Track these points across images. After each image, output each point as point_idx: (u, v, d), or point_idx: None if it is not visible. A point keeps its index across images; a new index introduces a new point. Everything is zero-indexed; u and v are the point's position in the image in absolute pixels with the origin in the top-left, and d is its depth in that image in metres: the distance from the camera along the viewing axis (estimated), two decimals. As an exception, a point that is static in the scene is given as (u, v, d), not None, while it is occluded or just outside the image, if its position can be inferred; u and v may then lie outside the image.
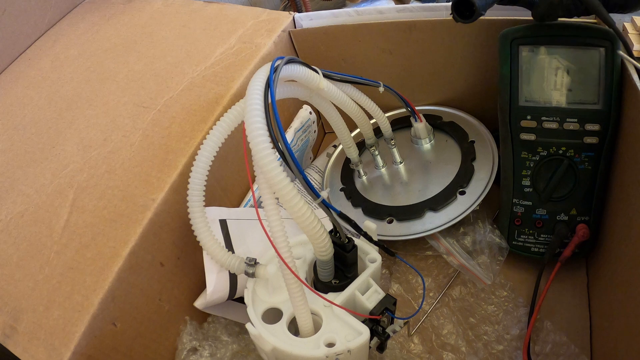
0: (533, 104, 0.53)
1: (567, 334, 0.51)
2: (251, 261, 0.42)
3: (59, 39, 0.67)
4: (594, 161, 0.51)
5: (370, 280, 0.43)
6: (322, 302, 0.41)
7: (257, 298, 0.42)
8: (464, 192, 0.57)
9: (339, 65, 0.68)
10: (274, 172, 0.34)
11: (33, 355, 0.38)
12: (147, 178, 0.47)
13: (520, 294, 0.55)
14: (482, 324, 0.54)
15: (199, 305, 0.48)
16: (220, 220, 0.49)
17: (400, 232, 0.57)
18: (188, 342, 0.48)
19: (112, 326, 0.41)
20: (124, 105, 0.54)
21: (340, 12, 0.64)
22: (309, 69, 0.43)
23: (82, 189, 0.47)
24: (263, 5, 0.97)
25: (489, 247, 0.57)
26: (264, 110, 0.35)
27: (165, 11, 0.68)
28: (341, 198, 0.64)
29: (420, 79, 0.66)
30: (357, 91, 0.52)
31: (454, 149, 0.62)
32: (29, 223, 0.45)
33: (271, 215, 0.36)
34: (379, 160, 0.64)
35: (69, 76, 0.60)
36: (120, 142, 0.51)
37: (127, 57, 0.61)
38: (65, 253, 0.43)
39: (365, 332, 0.38)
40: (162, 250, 0.46)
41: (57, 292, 0.40)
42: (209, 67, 0.57)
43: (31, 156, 0.51)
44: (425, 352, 0.53)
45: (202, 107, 0.52)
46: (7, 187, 0.49)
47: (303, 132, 0.65)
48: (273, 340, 0.38)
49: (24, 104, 0.58)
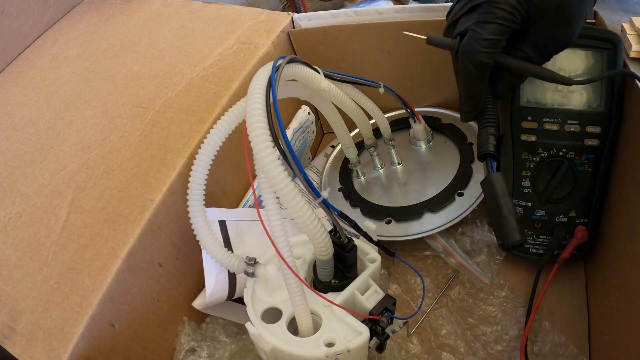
0: (534, 105, 0.53)
1: (565, 335, 0.51)
2: (251, 261, 0.42)
3: (57, 39, 0.67)
4: (594, 163, 0.51)
5: (370, 281, 0.43)
6: (321, 301, 0.40)
7: (256, 298, 0.42)
8: (462, 194, 0.57)
9: (337, 65, 0.68)
10: (275, 171, 0.34)
11: (31, 356, 0.38)
12: (146, 178, 0.47)
13: (519, 295, 0.55)
14: (481, 325, 0.54)
15: (198, 305, 0.48)
16: (219, 221, 0.49)
17: (399, 233, 0.57)
18: (186, 342, 0.48)
19: (110, 327, 0.41)
20: (122, 105, 0.54)
21: (339, 13, 0.64)
22: (310, 68, 0.43)
23: (80, 190, 0.47)
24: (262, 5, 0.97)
25: (487, 246, 0.57)
26: (266, 109, 0.35)
27: (164, 11, 0.68)
28: (339, 198, 0.64)
29: (419, 80, 0.67)
30: (357, 91, 0.52)
31: (453, 150, 0.62)
32: (28, 223, 0.45)
33: (272, 214, 0.36)
34: (377, 161, 0.64)
35: (67, 76, 0.60)
36: (118, 142, 0.50)
37: (126, 58, 0.61)
38: (64, 253, 0.43)
39: (364, 332, 0.38)
40: (161, 251, 0.46)
41: (56, 292, 0.40)
42: (207, 68, 0.57)
43: (30, 156, 0.51)
44: (424, 352, 0.53)
45: (201, 107, 0.52)
46: (5, 188, 0.49)
47: (302, 132, 0.65)
48: (272, 340, 0.38)
49: (23, 104, 0.58)
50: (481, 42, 0.43)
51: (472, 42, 0.43)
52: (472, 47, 0.43)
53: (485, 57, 0.43)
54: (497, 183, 0.44)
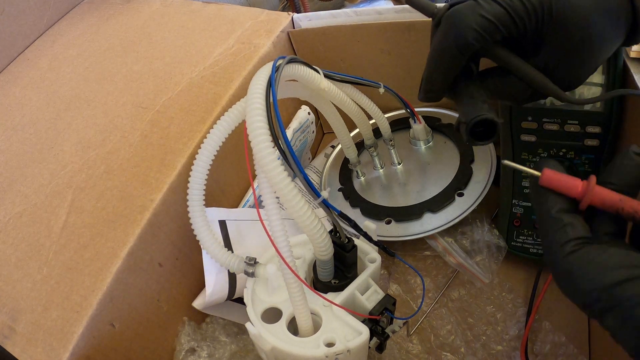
0: (534, 105, 0.53)
1: (565, 335, 0.51)
2: (251, 260, 0.42)
3: (57, 39, 0.67)
4: (594, 163, 0.51)
5: (370, 280, 0.43)
6: (321, 301, 0.40)
7: (256, 298, 0.42)
8: (462, 194, 0.57)
9: (337, 65, 0.68)
10: (275, 171, 0.34)
11: (31, 356, 0.38)
12: (146, 178, 0.47)
13: (519, 295, 0.55)
14: (481, 325, 0.54)
15: (198, 305, 0.48)
16: (219, 221, 0.49)
17: (399, 233, 0.57)
18: (186, 342, 0.48)
19: (110, 327, 0.41)
20: (122, 105, 0.54)
21: (339, 13, 0.64)
22: (310, 69, 0.43)
23: (80, 190, 0.47)
24: (262, 5, 0.97)
25: (487, 246, 0.57)
26: (266, 109, 0.35)
27: (163, 11, 0.68)
28: (339, 198, 0.64)
29: (419, 80, 0.66)
30: (357, 92, 0.52)
31: (453, 150, 0.62)
32: (28, 223, 0.45)
33: (272, 214, 0.36)
34: (377, 161, 0.64)
35: (67, 76, 0.60)
36: (118, 142, 0.50)
37: (126, 58, 0.61)
38: (64, 253, 0.43)
39: (365, 332, 0.38)
40: (161, 251, 0.46)
41: (56, 292, 0.40)
42: (207, 68, 0.57)
43: (30, 157, 0.51)
44: (424, 352, 0.53)
45: (201, 107, 0.52)
46: (5, 188, 0.49)
47: (301, 132, 0.65)
48: (272, 339, 0.38)
49: (23, 104, 0.58)
50: (478, 18, 0.34)
51: (468, 13, 0.34)
52: (464, 18, 0.34)
53: (473, 38, 0.34)
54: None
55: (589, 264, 0.25)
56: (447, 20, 0.36)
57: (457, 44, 0.35)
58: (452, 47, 0.35)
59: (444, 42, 0.36)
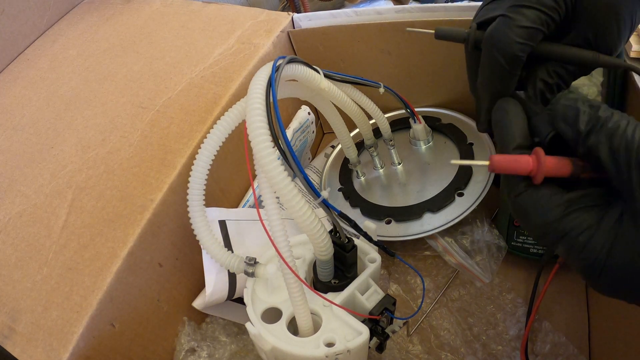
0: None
1: (565, 335, 0.51)
2: (251, 260, 0.42)
3: (57, 39, 0.67)
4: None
5: (370, 281, 0.43)
6: (321, 301, 0.40)
7: (256, 298, 0.42)
8: (462, 194, 0.57)
9: (337, 65, 0.68)
10: (275, 171, 0.34)
11: (31, 356, 0.38)
12: (146, 178, 0.47)
13: (519, 295, 0.55)
14: (481, 325, 0.54)
15: (198, 305, 0.48)
16: (219, 221, 0.49)
17: (399, 233, 0.57)
18: (186, 342, 0.48)
19: (110, 327, 0.41)
20: (122, 105, 0.54)
21: (339, 13, 0.64)
22: (310, 69, 0.43)
23: (80, 190, 0.47)
24: (262, 5, 0.97)
25: (487, 246, 0.57)
26: (266, 109, 0.35)
27: (164, 11, 0.68)
28: (339, 198, 0.64)
29: (419, 80, 0.67)
30: (357, 92, 0.52)
31: (453, 150, 0.62)
32: (28, 223, 0.45)
33: (272, 214, 0.36)
34: (377, 161, 0.64)
35: (67, 76, 0.60)
36: (118, 142, 0.50)
37: (126, 58, 0.61)
38: (64, 253, 0.42)
39: (365, 332, 0.38)
40: (161, 251, 0.46)
41: (56, 292, 0.40)
42: (207, 68, 0.57)
43: (30, 156, 0.51)
44: (424, 352, 0.53)
45: (201, 107, 0.52)
46: (5, 188, 0.49)
47: (302, 132, 0.65)
48: (272, 339, 0.38)
49: (23, 104, 0.58)
50: (516, 29, 0.34)
51: (505, 29, 0.35)
52: (504, 36, 0.35)
53: (520, 50, 0.35)
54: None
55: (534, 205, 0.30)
56: (489, 42, 0.36)
57: (507, 61, 0.35)
58: (501, 65, 0.35)
59: (493, 64, 0.36)
